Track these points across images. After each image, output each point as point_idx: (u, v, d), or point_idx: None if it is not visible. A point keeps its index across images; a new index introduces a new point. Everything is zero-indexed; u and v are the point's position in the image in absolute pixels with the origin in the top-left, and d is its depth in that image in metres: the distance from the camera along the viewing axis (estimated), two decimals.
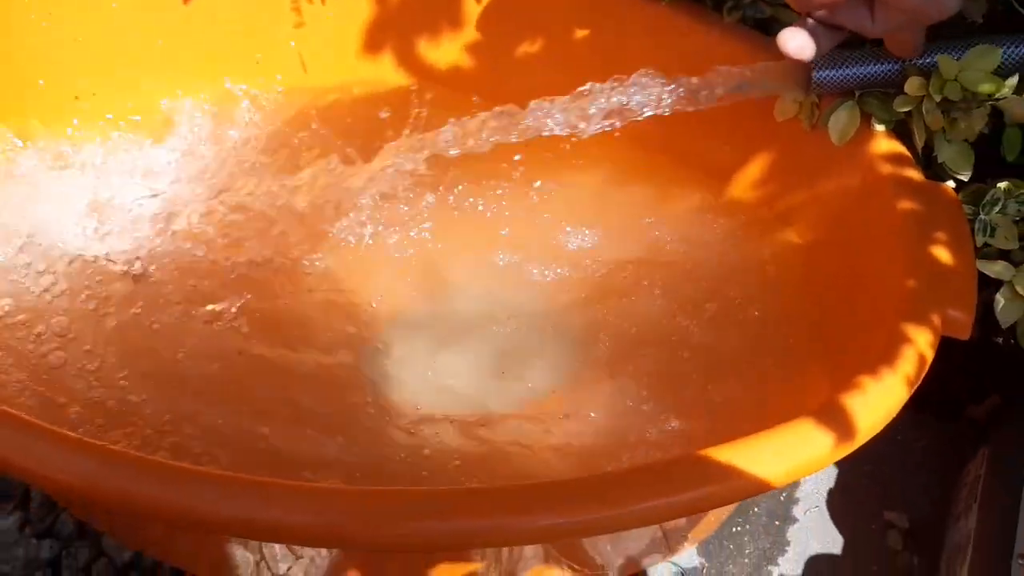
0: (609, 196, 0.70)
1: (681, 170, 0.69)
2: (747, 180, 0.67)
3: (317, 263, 0.65)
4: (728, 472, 0.40)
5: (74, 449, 0.39)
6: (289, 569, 0.55)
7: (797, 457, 0.41)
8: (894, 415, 0.44)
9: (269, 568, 0.55)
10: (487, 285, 0.67)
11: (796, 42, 0.54)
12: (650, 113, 0.57)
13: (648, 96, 0.56)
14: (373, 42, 0.78)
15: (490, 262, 0.68)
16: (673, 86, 0.56)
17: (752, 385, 0.58)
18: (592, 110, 0.56)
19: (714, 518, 0.63)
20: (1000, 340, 0.70)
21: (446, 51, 0.76)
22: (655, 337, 0.62)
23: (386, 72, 0.78)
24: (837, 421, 0.42)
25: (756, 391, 0.57)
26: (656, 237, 0.67)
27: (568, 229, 0.69)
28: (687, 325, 0.62)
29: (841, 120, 0.59)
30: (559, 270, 0.67)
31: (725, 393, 0.58)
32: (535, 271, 0.67)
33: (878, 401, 0.43)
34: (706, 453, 0.41)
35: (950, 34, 0.60)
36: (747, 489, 0.41)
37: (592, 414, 0.59)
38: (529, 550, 0.51)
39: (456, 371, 0.62)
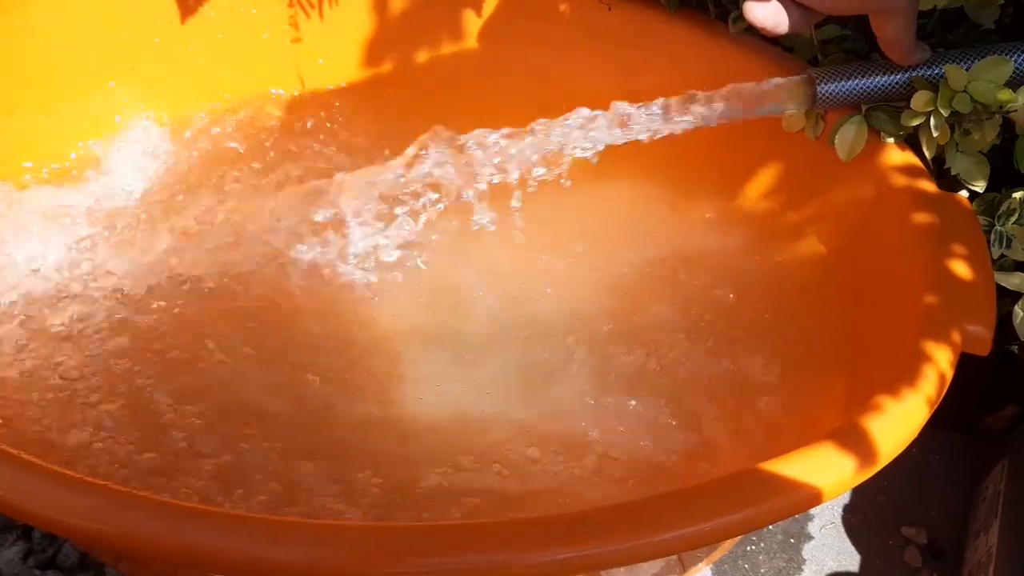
0: (624, 208, 0.69)
1: (694, 181, 0.68)
2: (760, 192, 0.66)
3: (323, 276, 0.64)
4: (744, 502, 0.39)
5: (75, 489, 0.38)
6: None
7: (817, 483, 0.40)
8: (915, 436, 0.43)
9: None
10: (503, 298, 0.66)
11: (761, 12, 0.53)
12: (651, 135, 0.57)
13: (650, 123, 0.56)
14: (373, 53, 0.77)
15: (505, 275, 0.67)
16: (677, 115, 0.56)
17: (770, 400, 0.57)
18: (597, 136, 0.56)
19: (728, 539, 0.62)
20: (1016, 349, 0.69)
21: (447, 66, 0.76)
22: (674, 352, 0.61)
23: (388, 83, 0.78)
24: (858, 444, 0.41)
25: (774, 407, 0.56)
26: (672, 250, 0.66)
27: (585, 242, 0.68)
28: (704, 339, 0.61)
29: (848, 135, 0.58)
30: (577, 284, 0.66)
31: (744, 409, 0.57)
32: (552, 285, 0.66)
33: (899, 423, 0.42)
34: (720, 482, 0.40)
35: (960, 41, 0.60)
36: (763, 518, 0.40)
37: (612, 430, 0.58)
38: None
39: (474, 388, 0.61)
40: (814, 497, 0.40)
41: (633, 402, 0.59)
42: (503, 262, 0.67)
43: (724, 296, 0.64)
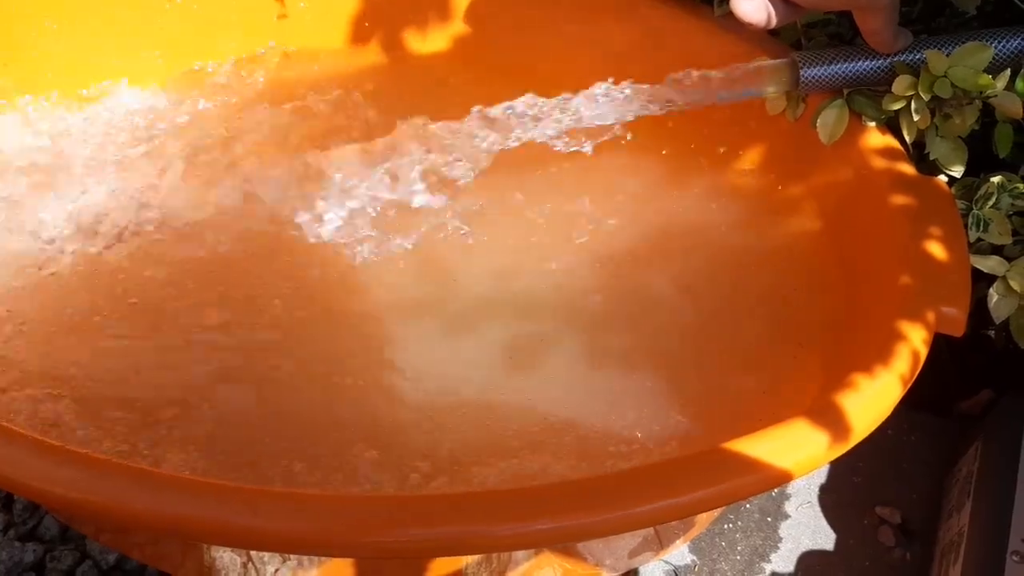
0: (614, 183, 0.69)
1: (684, 159, 0.68)
2: (747, 172, 0.67)
3: (311, 244, 0.64)
4: (718, 476, 0.39)
5: (53, 457, 0.39)
6: (277, 571, 0.55)
7: (791, 459, 0.40)
8: (888, 414, 0.44)
9: (256, 570, 0.55)
10: (491, 273, 0.65)
11: (749, 6, 0.53)
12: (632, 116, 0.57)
13: (634, 105, 0.56)
14: (363, 20, 0.77)
15: (494, 249, 0.66)
16: (661, 97, 0.56)
17: (754, 377, 0.57)
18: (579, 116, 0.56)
19: (706, 516, 0.63)
20: (991, 333, 0.70)
21: (432, 38, 0.76)
22: (664, 328, 0.61)
23: (376, 52, 0.77)
24: (832, 421, 0.41)
25: (757, 383, 0.57)
26: (663, 226, 0.66)
27: (575, 217, 0.67)
28: (692, 315, 0.61)
29: (830, 119, 0.58)
30: (567, 259, 0.66)
31: (724, 386, 0.57)
32: (542, 260, 0.66)
33: (873, 400, 0.43)
34: (694, 457, 0.40)
35: (943, 28, 0.60)
36: (737, 493, 0.40)
37: (602, 407, 0.58)
38: (520, 551, 0.51)
39: (462, 360, 0.61)
40: (787, 473, 0.40)
41: (624, 378, 0.59)
42: (492, 236, 0.66)
43: (714, 273, 0.63)
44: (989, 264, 0.54)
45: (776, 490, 0.71)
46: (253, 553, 0.54)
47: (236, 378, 0.57)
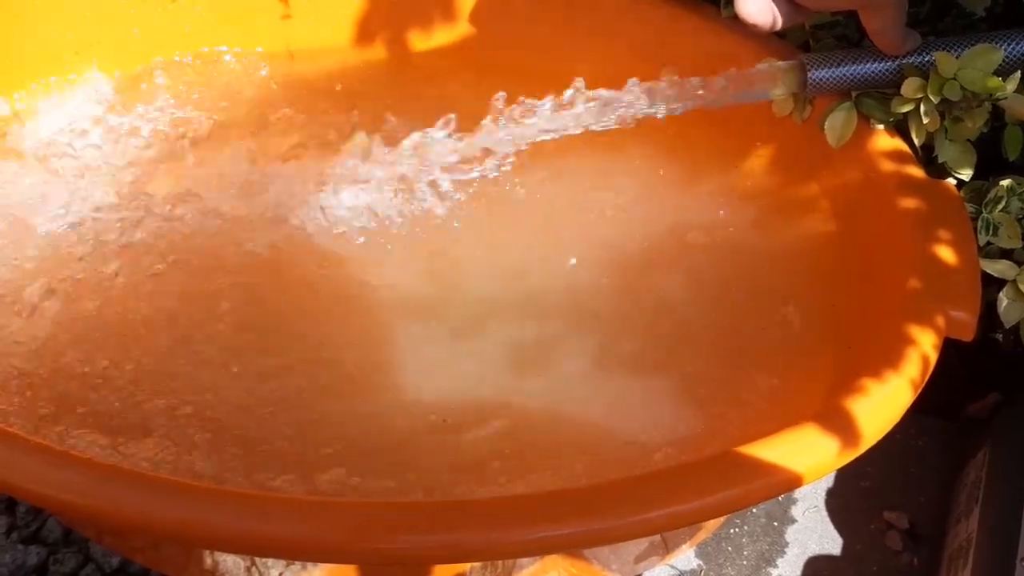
0: (626, 184, 0.69)
1: (697, 159, 0.68)
2: (752, 174, 0.66)
3: (315, 242, 0.63)
4: (727, 482, 0.39)
5: (54, 462, 0.38)
6: (280, 575, 0.54)
7: (801, 464, 0.40)
8: (898, 419, 0.43)
9: (260, 573, 0.54)
10: (500, 273, 0.65)
11: (754, 7, 0.53)
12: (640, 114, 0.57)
13: (635, 106, 0.56)
14: (367, 20, 0.76)
15: (503, 249, 0.66)
16: (667, 99, 0.56)
17: (765, 382, 0.56)
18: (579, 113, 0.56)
19: (712, 521, 0.62)
20: (1000, 337, 0.69)
21: (436, 39, 0.75)
22: (676, 331, 0.61)
23: (380, 52, 0.77)
24: (842, 426, 0.41)
25: (764, 386, 0.56)
26: (674, 228, 0.66)
27: (586, 218, 0.67)
28: (705, 318, 0.61)
29: (838, 122, 0.58)
30: (578, 260, 0.65)
31: (734, 389, 0.57)
32: (553, 260, 0.65)
33: (883, 405, 0.43)
34: (703, 463, 0.40)
35: (950, 29, 0.60)
36: (746, 499, 0.40)
37: (613, 412, 0.57)
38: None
39: (470, 362, 0.60)
40: (796, 478, 0.40)
41: (633, 381, 0.58)
42: (501, 236, 0.66)
43: (721, 275, 0.63)
44: (998, 268, 0.54)
45: (782, 495, 0.71)
46: (257, 557, 0.53)
47: (236, 376, 0.57)
